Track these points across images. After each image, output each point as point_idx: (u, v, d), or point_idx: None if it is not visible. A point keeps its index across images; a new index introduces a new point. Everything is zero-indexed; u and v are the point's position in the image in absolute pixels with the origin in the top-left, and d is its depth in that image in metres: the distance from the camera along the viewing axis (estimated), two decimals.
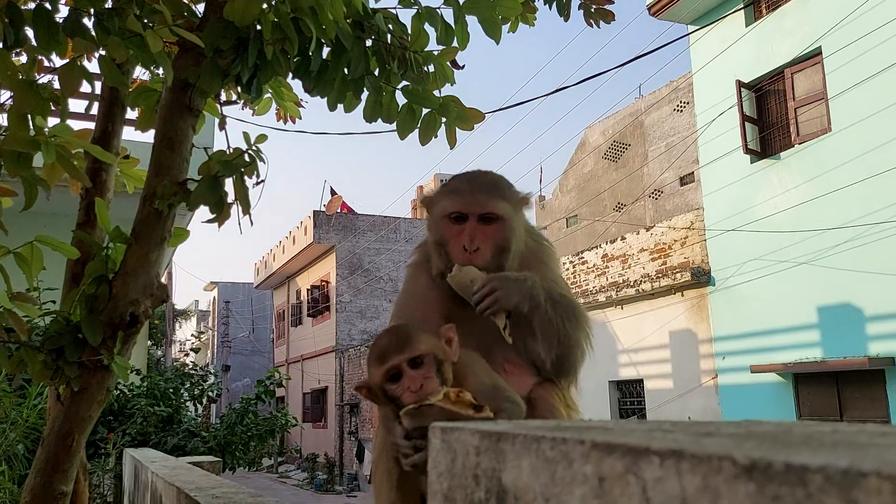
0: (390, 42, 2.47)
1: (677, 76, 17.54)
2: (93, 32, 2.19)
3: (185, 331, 38.82)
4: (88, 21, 2.21)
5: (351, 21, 2.39)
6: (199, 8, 2.55)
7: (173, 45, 2.44)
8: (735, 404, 12.13)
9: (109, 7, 2.19)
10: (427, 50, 2.55)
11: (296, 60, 2.48)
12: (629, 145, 19.21)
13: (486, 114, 2.76)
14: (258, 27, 2.26)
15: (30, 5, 2.23)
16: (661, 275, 13.72)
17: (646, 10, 13.65)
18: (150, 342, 19.96)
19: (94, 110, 2.79)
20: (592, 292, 15.34)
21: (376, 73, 2.57)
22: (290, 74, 2.57)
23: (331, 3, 2.23)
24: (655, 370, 14.01)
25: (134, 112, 2.86)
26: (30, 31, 2.22)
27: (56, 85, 2.27)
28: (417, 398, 1.37)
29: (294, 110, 3.30)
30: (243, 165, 2.37)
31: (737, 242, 12.14)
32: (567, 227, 21.28)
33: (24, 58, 2.52)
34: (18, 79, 2.17)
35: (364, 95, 2.59)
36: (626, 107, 19.71)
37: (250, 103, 3.01)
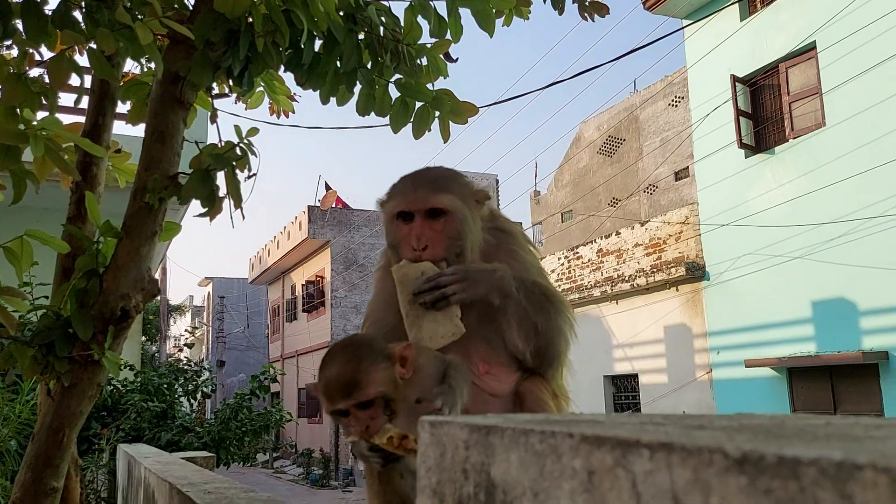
0: (383, 34, 2.46)
1: (672, 71, 17.55)
2: (82, 25, 2.17)
3: (179, 326, 38.75)
4: (78, 13, 2.19)
5: (343, 13, 2.37)
6: (190, 0, 2.53)
7: (163, 37, 2.42)
8: (729, 399, 12.16)
9: None
10: (420, 43, 2.53)
11: (287, 53, 2.47)
12: (624, 140, 19.21)
13: (479, 108, 2.75)
14: (249, 19, 2.24)
15: None
16: (655, 269, 13.74)
17: (640, 5, 13.64)
18: (144, 338, 19.93)
19: (85, 104, 2.77)
20: (587, 287, 15.35)
21: (369, 66, 2.55)
22: (281, 67, 2.55)
23: None
24: (650, 365, 14.04)
25: (125, 106, 2.84)
26: (19, 23, 2.20)
27: (46, 79, 2.25)
28: (363, 436, 1.37)
29: (287, 104, 3.28)
30: (235, 159, 2.35)
31: (731, 237, 12.15)
32: (562, 221, 21.28)
33: (15, 51, 2.50)
34: (7, 71, 2.14)
35: (357, 89, 2.57)
36: (620, 102, 19.70)
37: (242, 96, 2.99)
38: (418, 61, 2.52)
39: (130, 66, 2.94)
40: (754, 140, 12.29)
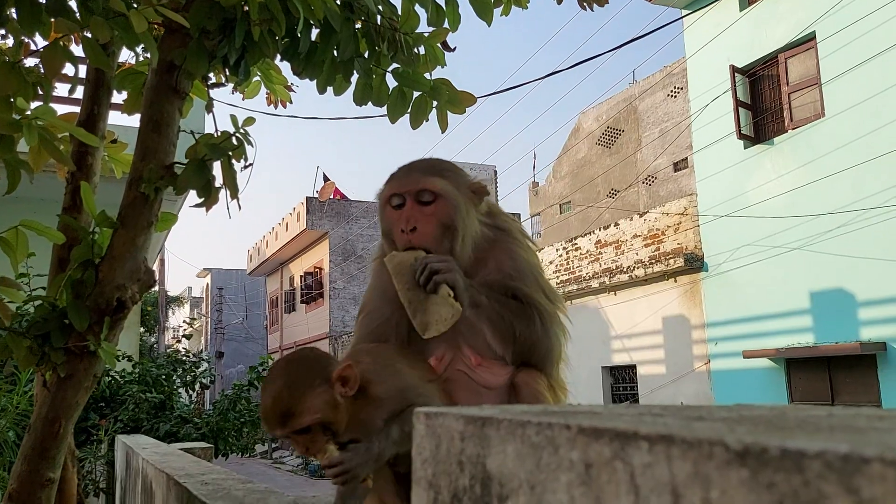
0: (380, 23, 2.44)
1: (671, 61, 17.50)
2: (76, 13, 2.15)
3: (178, 317, 38.75)
4: (72, 1, 2.17)
5: (339, 1, 2.35)
6: None
7: (159, 25, 2.40)
8: (727, 389, 12.19)
9: None
10: (417, 31, 2.51)
11: (284, 42, 2.45)
12: (623, 131, 19.18)
13: (478, 97, 2.73)
14: (245, 7, 2.22)
15: None
16: (654, 261, 13.74)
17: None
18: (142, 329, 19.93)
19: (80, 94, 2.75)
20: (586, 278, 15.35)
21: (366, 55, 2.53)
22: (278, 56, 2.53)
23: None
24: (648, 356, 14.06)
25: (121, 96, 2.82)
26: (13, 12, 2.18)
27: (41, 69, 2.23)
28: (307, 455, 1.40)
29: (284, 94, 3.26)
30: (231, 149, 2.34)
31: (730, 228, 12.15)
32: (560, 213, 21.28)
33: (10, 41, 2.48)
34: (1, 60, 2.12)
35: (354, 78, 2.56)
36: (619, 92, 19.67)
37: (238, 86, 2.97)
38: (416, 50, 2.51)
39: (126, 55, 2.92)
40: (753, 131, 12.27)
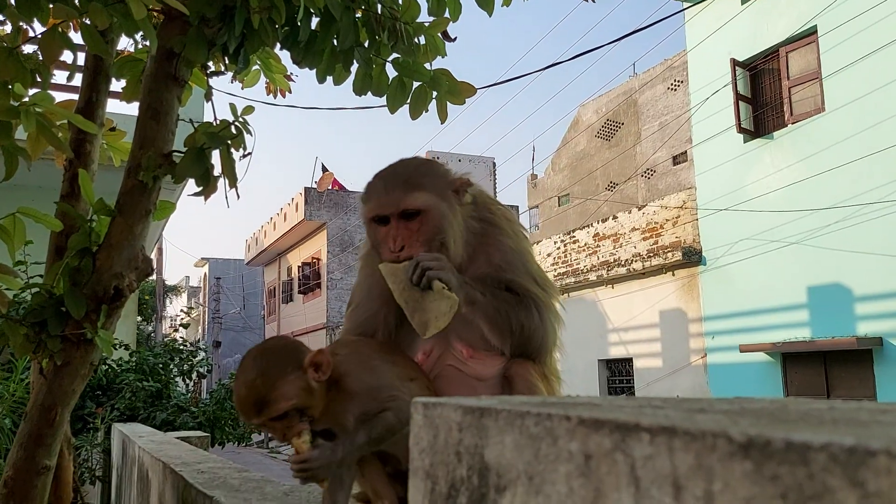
0: (380, 12, 2.42)
1: (672, 54, 17.46)
2: None
3: (175, 307, 38.75)
4: None
5: None
6: None
7: (158, 12, 2.39)
8: (723, 383, 12.22)
9: None
10: (418, 21, 2.50)
11: (284, 30, 2.43)
12: (622, 124, 19.15)
13: (478, 89, 2.72)
14: None
15: None
16: (652, 254, 13.74)
17: None
18: (139, 318, 19.91)
19: (78, 81, 2.73)
20: (583, 271, 15.36)
21: (366, 44, 2.52)
22: (277, 45, 2.52)
23: None
24: (645, 349, 14.08)
25: (120, 83, 2.81)
26: None
27: (40, 56, 2.22)
28: (283, 441, 1.41)
29: (283, 83, 3.25)
30: (230, 137, 2.32)
31: (728, 222, 12.15)
32: (559, 205, 21.26)
33: (8, 27, 2.46)
34: None
35: (354, 68, 2.54)
36: (619, 85, 19.62)
37: (238, 74, 2.95)
38: (416, 40, 2.49)
39: (125, 42, 2.91)
40: (753, 125, 12.25)
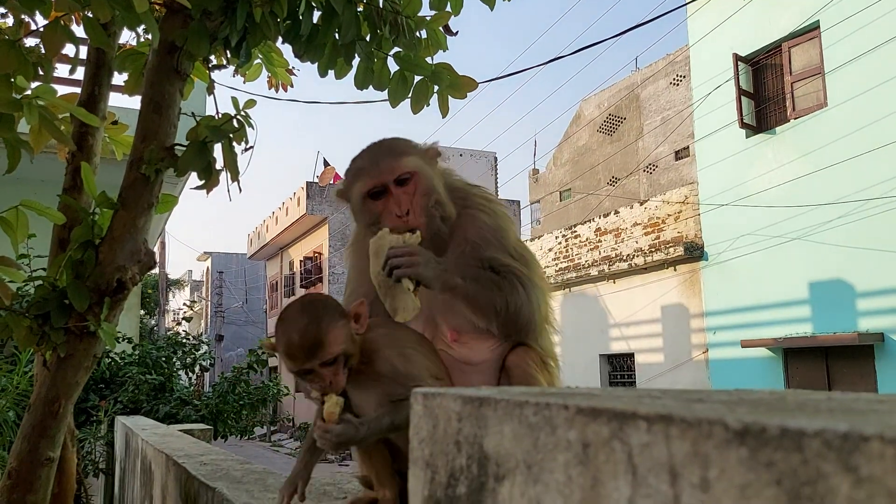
0: (382, 6, 2.42)
1: (674, 49, 17.42)
2: None
3: (178, 300, 38.79)
4: None
5: None
6: None
7: (160, 6, 2.39)
8: (725, 378, 12.22)
9: None
10: (419, 15, 2.50)
11: (285, 24, 2.43)
12: (624, 119, 19.12)
13: (479, 83, 2.71)
14: None
15: None
16: (653, 249, 13.74)
17: None
18: (143, 311, 19.95)
19: (80, 75, 2.73)
20: (584, 266, 15.35)
21: (368, 38, 2.52)
22: (279, 39, 2.52)
23: None
24: (646, 344, 14.08)
25: (122, 77, 2.81)
26: None
27: (42, 50, 2.22)
28: (325, 391, 1.43)
29: (285, 77, 3.25)
30: (232, 131, 2.33)
31: (730, 217, 12.14)
32: (560, 200, 21.25)
33: (10, 20, 2.46)
34: (1, 39, 2.11)
35: (355, 62, 2.54)
36: (622, 80, 19.59)
37: (240, 68, 2.95)
38: (417, 34, 2.49)
39: (127, 36, 2.91)
40: (755, 120, 12.23)
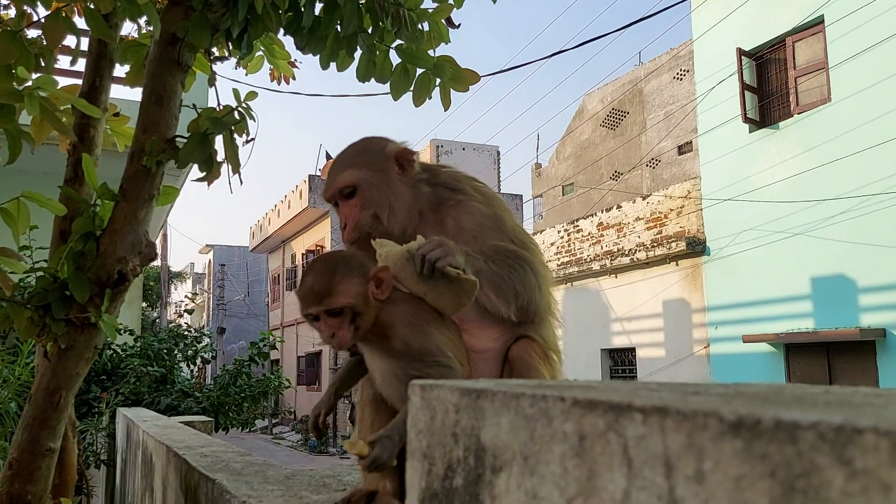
0: None
1: (678, 43, 17.38)
2: None
3: (180, 293, 38.86)
4: None
5: None
6: None
7: None
8: (726, 373, 12.22)
9: None
10: (421, 7, 2.49)
11: (287, 16, 2.43)
12: (627, 113, 19.08)
13: (481, 76, 2.71)
14: None
15: None
16: (656, 244, 13.73)
17: None
18: (144, 304, 19.98)
19: (82, 66, 2.73)
20: (587, 261, 15.35)
21: (370, 30, 2.51)
22: (281, 30, 2.52)
23: None
24: (648, 339, 14.09)
25: (123, 69, 2.80)
26: None
27: (44, 41, 2.22)
28: (329, 344, 1.49)
29: (287, 69, 3.24)
30: (233, 123, 2.32)
31: (733, 212, 12.12)
32: (563, 194, 21.22)
33: (12, 11, 2.46)
34: (1, 29, 2.11)
35: (357, 54, 2.54)
36: (625, 74, 19.55)
37: (241, 60, 2.95)
38: (420, 26, 2.48)
39: (129, 28, 2.90)
40: (759, 115, 12.20)
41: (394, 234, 1.62)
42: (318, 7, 2.42)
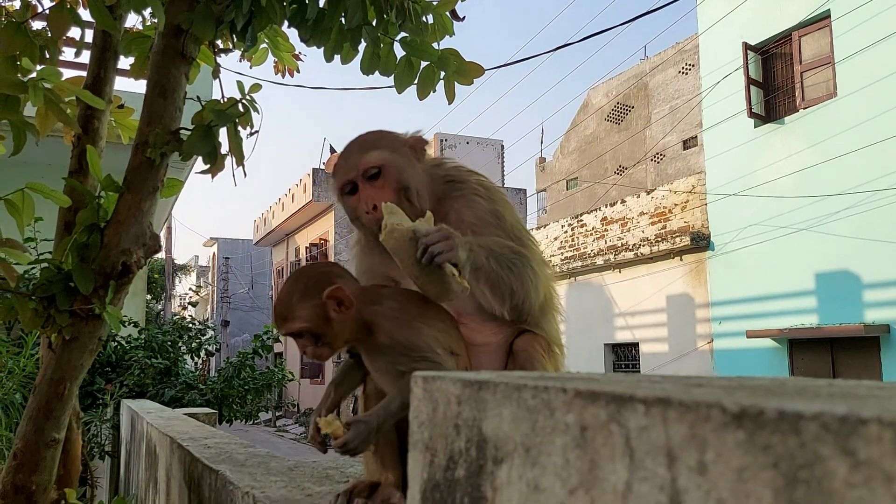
0: None
1: (683, 38, 17.31)
2: None
3: (184, 286, 38.93)
4: None
5: None
6: None
7: None
8: (730, 368, 12.22)
9: None
10: (426, 0, 2.48)
11: (291, 8, 2.42)
12: (632, 107, 19.03)
13: (486, 69, 2.70)
14: None
15: None
16: (660, 239, 13.70)
17: None
18: (149, 296, 20.03)
19: (86, 58, 2.73)
20: (590, 255, 15.33)
21: (374, 23, 2.50)
22: (285, 23, 2.51)
23: None
24: (651, 333, 14.08)
25: (127, 61, 2.80)
26: None
27: (49, 32, 2.22)
28: (307, 356, 1.51)
29: (291, 62, 3.24)
30: (237, 115, 2.32)
31: (737, 207, 12.09)
32: (567, 189, 21.19)
33: (17, 2, 2.46)
34: (5, 20, 2.11)
35: (361, 47, 2.53)
36: (630, 68, 19.49)
37: (246, 52, 2.94)
38: (424, 19, 2.48)
39: (133, 19, 2.90)
40: (764, 109, 12.16)
41: (418, 216, 1.59)
42: None
